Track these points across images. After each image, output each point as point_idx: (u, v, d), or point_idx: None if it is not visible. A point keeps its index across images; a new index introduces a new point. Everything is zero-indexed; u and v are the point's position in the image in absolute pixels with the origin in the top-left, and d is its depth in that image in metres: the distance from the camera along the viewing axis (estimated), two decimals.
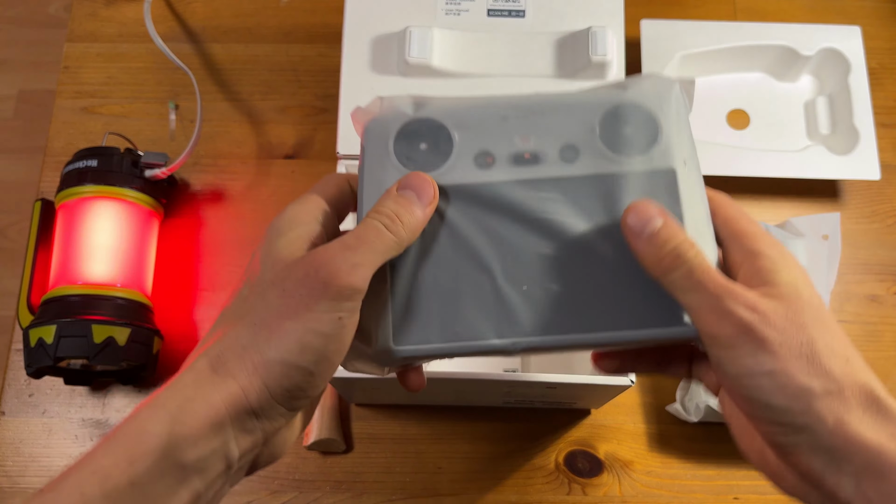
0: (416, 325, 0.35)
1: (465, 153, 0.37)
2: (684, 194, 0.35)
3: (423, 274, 0.36)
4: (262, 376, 0.30)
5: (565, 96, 0.38)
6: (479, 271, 0.35)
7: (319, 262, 0.31)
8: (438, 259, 0.36)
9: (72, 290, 0.60)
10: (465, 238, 0.36)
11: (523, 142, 0.37)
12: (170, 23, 0.77)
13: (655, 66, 0.72)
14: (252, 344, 0.31)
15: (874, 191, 0.72)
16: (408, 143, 0.37)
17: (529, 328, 0.35)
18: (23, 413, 0.64)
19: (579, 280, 0.35)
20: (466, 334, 0.35)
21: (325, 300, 0.31)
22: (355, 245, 0.32)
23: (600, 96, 0.37)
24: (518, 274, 0.35)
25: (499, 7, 0.59)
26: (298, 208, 0.35)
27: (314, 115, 0.74)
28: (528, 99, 0.38)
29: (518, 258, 0.35)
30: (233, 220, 0.70)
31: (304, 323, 0.31)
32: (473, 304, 0.35)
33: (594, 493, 0.62)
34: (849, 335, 0.69)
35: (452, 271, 0.36)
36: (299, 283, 0.31)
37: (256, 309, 0.32)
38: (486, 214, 0.36)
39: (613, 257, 0.35)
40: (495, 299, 0.35)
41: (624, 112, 0.36)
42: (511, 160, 0.36)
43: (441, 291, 0.35)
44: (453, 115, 0.38)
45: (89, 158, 0.63)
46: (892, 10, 0.79)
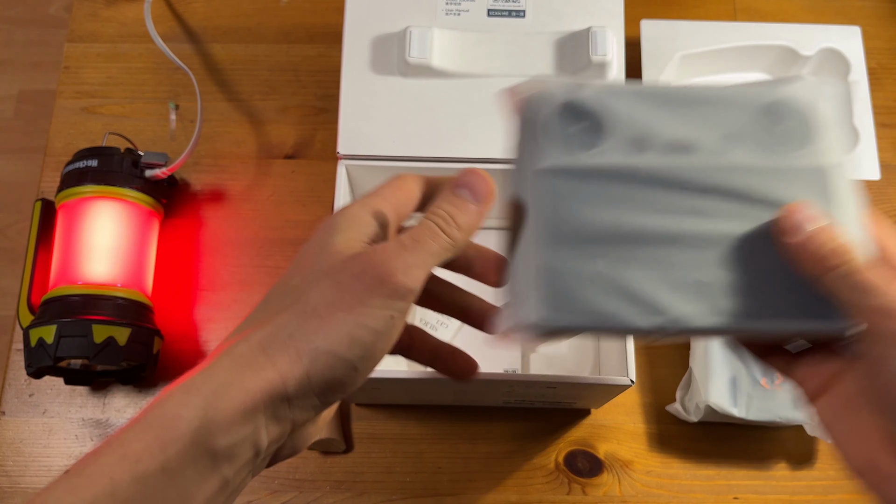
0: (569, 299, 0.36)
1: (622, 136, 0.37)
2: (838, 194, 0.36)
3: (575, 250, 0.36)
4: (306, 365, 0.30)
5: (724, 89, 0.38)
6: (630, 252, 0.36)
7: (377, 260, 0.32)
8: (591, 236, 0.36)
9: (72, 290, 0.60)
10: (617, 218, 0.36)
11: (680, 130, 0.37)
12: (170, 23, 0.77)
13: (655, 67, 0.73)
14: (300, 332, 0.31)
15: (874, 191, 0.72)
16: (564, 123, 0.38)
17: (680, 312, 0.35)
18: (23, 413, 0.64)
19: (732, 269, 0.36)
20: (616, 313, 0.36)
21: (379, 297, 0.31)
22: (411, 246, 0.32)
23: (760, 91, 0.38)
24: (671, 258, 0.36)
25: (499, 7, 0.59)
26: (358, 209, 0.34)
27: (314, 115, 0.74)
28: (686, 89, 0.38)
29: (672, 242, 0.36)
30: (233, 219, 0.70)
31: (357, 317, 0.31)
32: (624, 284, 0.36)
33: (594, 492, 0.62)
34: None
35: (604, 249, 0.36)
36: (355, 277, 0.31)
37: (309, 298, 0.32)
38: (638, 197, 0.37)
39: (767, 250, 0.35)
40: (646, 280, 0.36)
41: (783, 108, 0.37)
42: (667, 147, 0.37)
43: (592, 269, 0.36)
44: (611, 98, 0.38)
45: (89, 158, 0.64)
46: (892, 10, 0.79)
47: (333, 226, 0.34)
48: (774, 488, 0.62)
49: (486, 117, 0.57)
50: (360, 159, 0.57)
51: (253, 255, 0.69)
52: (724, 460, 0.63)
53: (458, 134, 0.57)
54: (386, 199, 0.35)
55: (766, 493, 0.62)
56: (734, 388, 0.60)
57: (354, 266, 0.32)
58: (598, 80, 0.38)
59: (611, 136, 0.38)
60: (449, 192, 0.35)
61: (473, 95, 0.58)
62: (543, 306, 0.36)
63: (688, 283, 0.36)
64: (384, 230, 0.35)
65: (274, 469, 0.62)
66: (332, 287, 0.31)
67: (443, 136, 0.57)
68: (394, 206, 0.35)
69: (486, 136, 0.57)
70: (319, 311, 0.31)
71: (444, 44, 0.58)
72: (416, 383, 0.56)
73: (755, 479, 0.63)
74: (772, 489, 0.62)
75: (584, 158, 0.37)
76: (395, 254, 0.32)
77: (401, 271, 0.31)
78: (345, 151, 0.57)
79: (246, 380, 0.30)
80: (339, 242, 0.33)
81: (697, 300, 0.36)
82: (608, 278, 0.36)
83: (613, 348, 0.56)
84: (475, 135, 0.57)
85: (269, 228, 0.70)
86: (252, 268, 0.68)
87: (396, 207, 0.35)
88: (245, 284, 0.68)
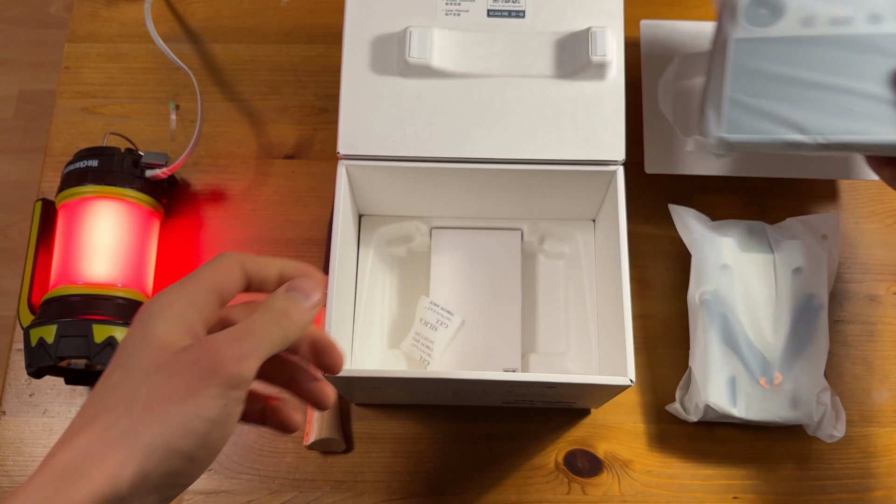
0: (748, 117, 0.56)
1: (794, 17, 0.56)
2: None
3: (756, 80, 0.56)
4: (140, 462, 0.30)
5: None
6: (804, 83, 0.55)
7: (209, 349, 0.32)
8: (770, 69, 0.56)
9: (72, 290, 0.60)
10: (793, 60, 0.56)
11: (839, 10, 0.55)
12: (170, 23, 0.77)
13: (655, 67, 0.73)
14: (130, 430, 0.31)
15: (873, 191, 0.72)
16: (754, 7, 0.57)
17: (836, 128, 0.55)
18: (23, 413, 0.64)
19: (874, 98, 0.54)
20: (786, 128, 0.55)
21: (213, 386, 0.31)
22: (243, 337, 0.33)
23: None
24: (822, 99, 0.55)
25: (499, 7, 0.59)
26: (176, 293, 0.34)
27: (314, 116, 0.74)
28: None
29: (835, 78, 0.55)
30: (233, 220, 0.70)
31: (190, 408, 0.31)
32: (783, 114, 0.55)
33: (594, 492, 0.62)
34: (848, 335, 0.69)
35: (779, 80, 0.56)
36: (187, 368, 0.31)
37: (138, 394, 0.31)
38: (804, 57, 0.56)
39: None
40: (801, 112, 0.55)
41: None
42: (829, 21, 0.56)
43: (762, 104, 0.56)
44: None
45: (90, 158, 0.64)
46: None
47: (151, 316, 0.33)
48: (774, 488, 0.63)
49: (486, 117, 0.57)
50: (360, 159, 0.57)
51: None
52: (723, 460, 0.63)
53: (458, 134, 0.57)
54: (206, 281, 0.35)
55: (765, 492, 0.62)
56: (733, 388, 0.60)
57: (186, 357, 0.32)
58: None
59: (786, 16, 0.56)
60: (282, 292, 0.35)
61: (473, 95, 0.57)
62: (725, 126, 0.56)
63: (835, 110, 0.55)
64: (204, 315, 0.34)
65: (274, 469, 0.63)
66: (164, 380, 0.31)
67: (443, 136, 0.57)
68: (214, 288, 0.35)
69: (487, 136, 0.57)
70: (151, 406, 0.31)
71: (444, 44, 0.58)
72: (414, 382, 0.56)
73: (754, 479, 0.63)
74: (771, 489, 0.63)
75: (767, 31, 0.57)
76: (225, 344, 0.32)
77: (233, 361, 0.32)
78: (345, 151, 0.57)
79: (70, 492, 0.29)
80: (162, 334, 0.33)
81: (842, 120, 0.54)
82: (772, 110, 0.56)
83: (614, 348, 0.56)
84: (475, 135, 0.57)
85: (269, 228, 0.70)
86: None
87: (218, 290, 0.35)
88: None
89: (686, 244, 0.66)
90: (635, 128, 0.73)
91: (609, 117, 0.57)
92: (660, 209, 0.70)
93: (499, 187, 0.61)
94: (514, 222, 0.67)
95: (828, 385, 0.61)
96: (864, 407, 0.65)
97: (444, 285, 0.65)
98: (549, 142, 0.57)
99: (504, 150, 0.57)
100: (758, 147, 0.58)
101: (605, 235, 0.61)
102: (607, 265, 0.60)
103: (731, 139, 0.57)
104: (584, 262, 0.65)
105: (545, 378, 0.52)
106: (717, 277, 0.62)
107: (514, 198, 0.63)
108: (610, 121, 0.57)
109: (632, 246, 0.70)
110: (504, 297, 0.64)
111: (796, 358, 0.60)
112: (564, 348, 0.64)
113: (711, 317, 0.61)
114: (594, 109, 0.57)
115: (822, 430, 0.61)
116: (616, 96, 0.57)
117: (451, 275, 0.65)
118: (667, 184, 0.71)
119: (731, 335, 0.61)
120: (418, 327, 0.63)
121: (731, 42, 0.58)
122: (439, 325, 0.63)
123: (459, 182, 0.60)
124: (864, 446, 0.64)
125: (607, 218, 0.60)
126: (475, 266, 0.65)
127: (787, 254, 0.63)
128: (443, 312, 0.63)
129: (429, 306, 0.64)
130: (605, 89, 0.57)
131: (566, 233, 0.66)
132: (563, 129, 0.57)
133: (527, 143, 0.57)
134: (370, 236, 0.66)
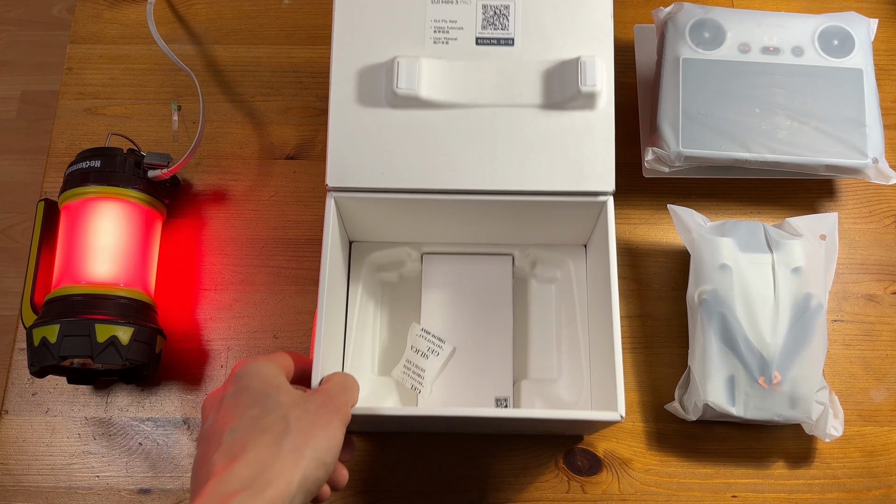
0: (701, 132, 0.65)
1: (733, 43, 0.68)
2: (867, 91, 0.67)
3: (706, 98, 0.66)
4: (304, 469, 0.42)
5: (797, 16, 0.69)
6: (743, 107, 0.66)
7: (330, 396, 0.47)
8: (718, 88, 0.66)
9: (75, 290, 0.61)
10: (736, 82, 0.66)
11: (768, 40, 0.67)
12: (172, 24, 0.78)
13: (649, 70, 0.73)
14: (295, 447, 0.43)
15: (872, 191, 0.72)
16: (698, 31, 0.68)
17: (775, 148, 0.65)
18: (26, 412, 0.65)
19: (801, 122, 0.65)
20: (730, 146, 0.65)
21: (338, 420, 0.46)
22: (343, 392, 0.48)
23: (819, 20, 0.68)
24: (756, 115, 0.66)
25: (487, 35, 0.58)
26: (261, 358, 0.49)
27: (316, 116, 0.74)
28: (776, 14, 0.69)
29: (765, 104, 0.66)
30: (235, 220, 0.71)
31: (329, 433, 0.45)
32: (736, 127, 0.65)
33: (593, 490, 0.62)
34: (846, 335, 0.69)
35: (723, 106, 0.66)
36: (320, 407, 0.46)
37: (287, 422, 0.44)
38: (745, 78, 0.66)
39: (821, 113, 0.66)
40: (753, 125, 0.65)
41: (833, 30, 0.68)
42: (761, 50, 0.67)
43: (715, 116, 0.65)
44: (728, 19, 0.68)
45: (92, 159, 0.64)
46: (891, 11, 0.79)
47: (252, 367, 0.47)
48: (772, 487, 0.63)
49: (475, 148, 0.56)
50: (349, 191, 0.57)
51: (255, 255, 0.69)
52: (722, 459, 0.63)
53: (447, 165, 0.56)
54: (279, 359, 0.50)
55: (764, 491, 0.63)
56: (732, 387, 0.60)
57: (316, 399, 0.46)
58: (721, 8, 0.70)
59: (726, 43, 0.67)
60: (339, 373, 0.51)
61: (462, 126, 0.57)
62: (681, 140, 0.65)
63: (774, 131, 0.65)
64: (284, 371, 0.49)
65: None
66: (304, 413, 0.45)
67: (432, 167, 0.56)
68: (284, 367, 0.50)
69: (476, 167, 0.56)
70: (304, 430, 0.44)
71: (432, 74, 0.57)
72: (403, 420, 0.56)
73: (753, 478, 0.63)
74: (770, 488, 0.63)
75: (711, 54, 0.67)
76: (339, 394, 0.48)
77: (345, 406, 0.47)
78: (333, 184, 0.56)
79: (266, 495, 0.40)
80: (271, 378, 0.47)
81: (767, 142, 0.65)
82: (721, 127, 0.65)
83: (605, 378, 0.55)
84: (464, 166, 0.56)
85: (270, 228, 0.70)
86: (254, 267, 0.69)
87: (286, 368, 0.50)
88: (247, 284, 0.68)
89: (685, 244, 0.66)
90: (634, 129, 0.73)
91: (599, 147, 0.56)
92: (659, 209, 0.71)
93: (489, 216, 0.60)
94: (505, 248, 0.66)
95: (826, 384, 0.62)
96: (862, 406, 0.65)
97: (435, 312, 0.65)
98: (539, 173, 0.56)
99: (494, 182, 0.56)
100: (710, 161, 0.66)
101: (596, 263, 0.61)
102: (599, 294, 0.59)
103: (687, 153, 0.65)
104: (576, 287, 0.65)
105: (535, 415, 0.52)
106: (716, 277, 0.62)
107: (505, 225, 0.62)
108: (600, 151, 0.56)
109: (632, 246, 0.70)
110: (495, 323, 0.64)
111: (795, 357, 0.61)
112: (556, 374, 0.63)
113: (710, 316, 0.61)
114: (584, 139, 0.57)
115: (820, 429, 0.61)
116: (606, 126, 0.57)
117: (443, 301, 0.65)
118: (666, 184, 0.71)
119: (730, 335, 0.61)
120: (409, 355, 0.63)
121: (682, 62, 0.67)
122: (430, 353, 0.63)
123: (450, 212, 0.60)
124: (862, 445, 0.64)
125: (599, 244, 0.60)
126: (466, 292, 0.65)
127: (785, 254, 0.63)
128: (434, 340, 0.63)
129: (420, 333, 0.64)
130: (594, 119, 0.57)
131: (558, 258, 0.66)
132: (552, 160, 0.56)
133: (516, 174, 0.56)
134: (361, 262, 0.66)
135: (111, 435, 0.64)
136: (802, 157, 0.65)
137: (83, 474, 0.63)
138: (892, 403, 0.65)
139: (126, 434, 0.64)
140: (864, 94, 0.67)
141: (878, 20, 0.71)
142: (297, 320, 0.67)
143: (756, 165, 0.66)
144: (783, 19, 0.69)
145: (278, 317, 0.67)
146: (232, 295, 0.68)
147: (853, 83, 0.67)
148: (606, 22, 0.58)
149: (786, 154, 0.65)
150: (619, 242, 0.69)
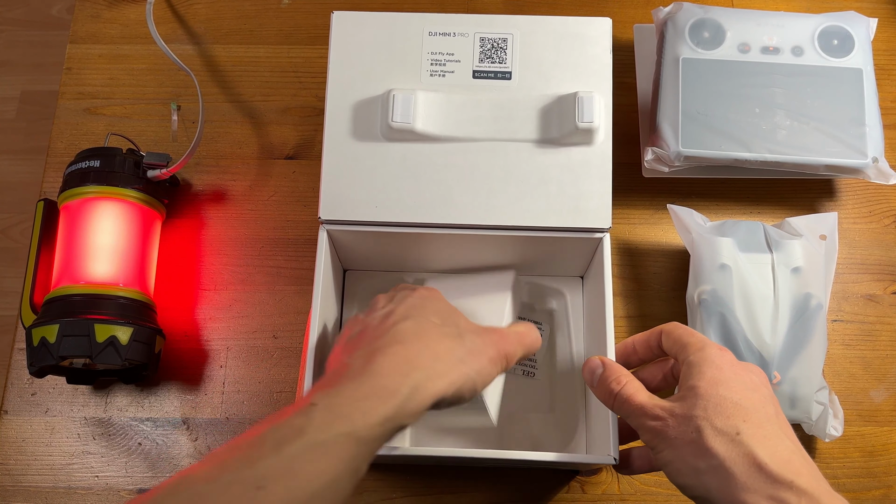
0: (701, 132, 0.65)
1: (733, 43, 0.68)
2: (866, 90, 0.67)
3: (706, 98, 0.66)
4: (464, 378, 0.45)
5: (796, 16, 0.69)
6: (743, 107, 0.66)
7: (505, 340, 0.49)
8: (717, 88, 0.66)
9: (74, 290, 0.61)
10: (736, 82, 0.66)
11: (768, 40, 0.68)
12: (172, 24, 0.78)
13: (649, 70, 0.73)
14: (463, 361, 0.46)
15: (872, 191, 0.72)
16: (697, 31, 0.68)
17: (775, 148, 0.65)
18: (25, 412, 0.65)
19: (801, 122, 0.66)
20: (730, 146, 0.65)
21: (502, 360, 0.49)
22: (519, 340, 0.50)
23: (818, 20, 0.69)
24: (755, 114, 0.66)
25: (485, 69, 0.57)
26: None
27: (315, 116, 0.74)
28: (776, 14, 0.69)
29: (765, 104, 0.66)
30: (234, 220, 0.71)
31: (490, 364, 0.47)
32: (736, 127, 0.65)
33: (593, 490, 0.62)
34: (846, 335, 0.69)
35: (723, 106, 0.66)
36: (494, 342, 0.49)
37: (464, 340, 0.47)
38: (745, 78, 0.66)
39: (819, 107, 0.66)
40: (753, 125, 0.65)
41: (832, 30, 0.68)
42: (761, 50, 0.68)
43: (715, 116, 0.65)
44: (727, 18, 0.68)
45: (92, 159, 0.64)
46: (891, 11, 0.79)
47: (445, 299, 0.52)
48: None
49: (471, 182, 0.56)
50: (342, 224, 0.56)
51: (254, 255, 0.69)
52: None
53: (442, 199, 0.56)
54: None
55: None
56: None
57: (493, 336, 0.49)
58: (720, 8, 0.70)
59: (726, 42, 0.67)
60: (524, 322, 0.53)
61: (458, 160, 0.56)
62: (681, 140, 0.65)
63: (774, 130, 0.65)
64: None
65: None
66: (478, 339, 0.48)
67: (427, 201, 0.56)
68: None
69: (471, 201, 0.56)
70: (475, 352, 0.47)
71: (428, 107, 0.56)
72: (391, 459, 0.56)
73: None
74: None
75: (711, 54, 0.67)
76: (513, 343, 0.49)
77: (513, 354, 0.49)
78: (327, 217, 0.56)
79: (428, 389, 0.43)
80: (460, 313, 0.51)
81: (767, 142, 0.65)
82: (721, 127, 0.65)
83: (600, 422, 0.55)
84: (460, 200, 0.56)
85: (270, 228, 0.70)
86: (253, 267, 0.69)
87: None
88: (246, 284, 0.68)
89: (685, 244, 0.66)
90: (634, 128, 0.73)
91: (595, 184, 0.56)
92: (659, 209, 0.71)
93: (485, 250, 0.60)
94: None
95: (826, 384, 0.62)
96: (862, 406, 0.65)
97: None
98: (535, 208, 0.56)
99: (489, 217, 0.56)
100: (710, 161, 0.66)
101: (592, 296, 0.61)
102: (594, 328, 0.59)
103: (687, 153, 0.65)
104: (573, 318, 0.65)
105: (527, 456, 0.52)
106: (716, 277, 0.62)
107: (501, 257, 0.62)
108: (597, 188, 0.56)
109: (631, 245, 0.70)
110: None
111: (794, 357, 0.60)
112: (550, 408, 0.63)
113: (710, 316, 0.61)
114: (581, 175, 0.56)
115: (820, 429, 0.61)
116: (603, 162, 0.56)
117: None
118: (666, 184, 0.71)
119: (730, 335, 0.61)
120: None
121: (681, 62, 0.67)
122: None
123: (444, 245, 0.59)
124: (862, 445, 0.64)
125: (595, 278, 0.59)
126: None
127: (785, 253, 0.63)
128: None
129: None
130: (592, 155, 0.56)
131: (554, 289, 0.66)
132: (549, 196, 0.56)
133: (512, 209, 0.56)
134: (355, 290, 0.66)
135: (110, 435, 0.64)
136: (802, 157, 0.65)
137: (82, 474, 0.63)
138: (892, 403, 0.65)
139: (125, 434, 0.64)
140: (864, 94, 0.67)
141: (877, 20, 0.71)
142: (296, 320, 0.67)
143: (756, 165, 0.66)
144: (783, 19, 0.69)
145: (278, 317, 0.67)
146: (231, 295, 0.68)
147: (853, 83, 0.67)
148: (605, 57, 0.57)
149: (786, 154, 0.65)
150: (619, 242, 0.69)
